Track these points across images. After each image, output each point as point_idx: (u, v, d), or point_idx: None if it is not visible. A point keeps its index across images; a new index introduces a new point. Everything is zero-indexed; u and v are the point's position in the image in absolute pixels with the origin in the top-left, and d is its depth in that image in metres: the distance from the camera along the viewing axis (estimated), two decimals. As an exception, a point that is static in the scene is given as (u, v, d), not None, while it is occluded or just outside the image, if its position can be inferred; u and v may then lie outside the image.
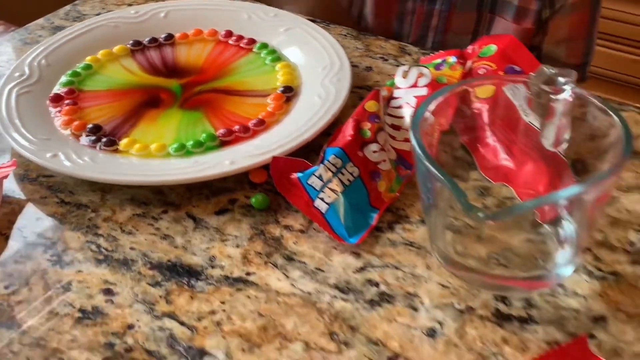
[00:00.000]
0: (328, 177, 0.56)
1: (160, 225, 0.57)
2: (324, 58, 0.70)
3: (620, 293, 0.50)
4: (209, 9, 0.79)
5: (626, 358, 0.46)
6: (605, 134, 0.48)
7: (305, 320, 0.49)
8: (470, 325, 0.48)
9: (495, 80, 0.57)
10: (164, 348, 0.48)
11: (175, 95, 0.68)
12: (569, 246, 0.50)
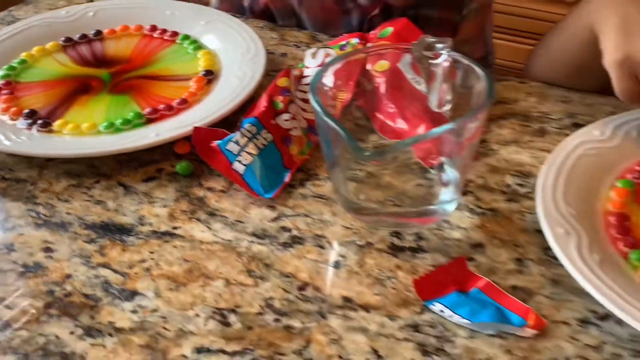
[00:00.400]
0: (244, 143, 0.62)
1: (94, 193, 0.63)
2: (241, 45, 0.77)
3: (497, 225, 0.58)
4: (135, 7, 0.85)
5: (500, 274, 0.54)
6: (474, 87, 0.56)
7: (226, 262, 0.56)
8: (369, 257, 0.56)
9: (386, 52, 0.65)
10: (99, 292, 0.54)
11: (104, 83, 0.74)
12: (451, 187, 0.58)
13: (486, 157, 0.65)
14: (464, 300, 0.51)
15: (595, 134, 0.62)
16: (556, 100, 0.72)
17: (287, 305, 0.52)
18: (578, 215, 0.54)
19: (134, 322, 0.51)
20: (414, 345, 0.49)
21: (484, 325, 0.49)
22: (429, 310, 0.51)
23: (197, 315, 0.52)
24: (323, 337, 0.50)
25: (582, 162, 0.59)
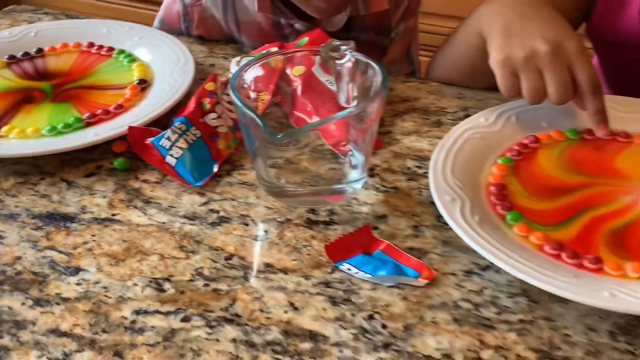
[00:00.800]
0: (175, 139, 0.70)
1: (39, 189, 0.69)
2: (172, 57, 0.84)
3: (398, 199, 0.67)
4: (73, 27, 0.92)
5: (399, 239, 0.62)
6: (374, 81, 0.65)
7: (160, 240, 0.63)
8: (288, 230, 0.63)
9: (300, 55, 0.74)
10: (47, 269, 0.60)
11: (46, 93, 0.81)
12: (358, 168, 0.66)
13: (390, 146, 0.74)
14: (368, 260, 0.59)
15: (480, 121, 0.71)
16: (452, 97, 0.82)
17: (215, 272, 0.59)
18: (463, 186, 0.63)
19: (78, 292, 0.58)
20: (325, 298, 0.57)
21: (384, 278, 0.58)
22: (338, 270, 0.59)
23: (135, 284, 0.58)
24: (247, 296, 0.57)
25: (469, 143, 0.68)
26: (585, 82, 0.67)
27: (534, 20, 0.70)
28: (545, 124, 0.72)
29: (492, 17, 0.75)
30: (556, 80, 0.66)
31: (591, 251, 0.57)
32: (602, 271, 0.56)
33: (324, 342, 0.53)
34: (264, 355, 0.52)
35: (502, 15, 0.73)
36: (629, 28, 0.83)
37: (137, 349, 0.53)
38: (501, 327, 0.54)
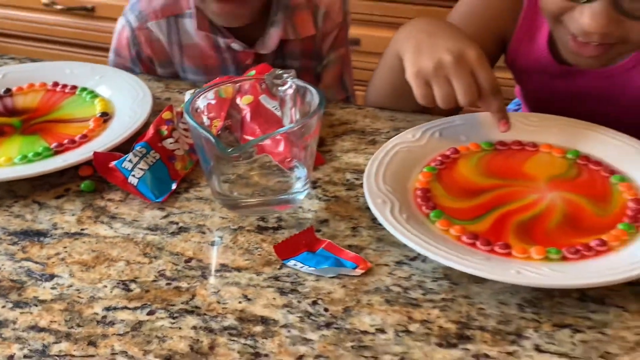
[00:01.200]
0: (136, 161, 0.77)
1: (13, 210, 0.76)
2: (131, 92, 0.92)
3: (338, 206, 0.75)
4: (38, 69, 1.00)
5: (339, 238, 0.70)
6: (312, 103, 0.74)
7: (126, 249, 0.70)
8: (241, 236, 0.71)
9: (247, 86, 0.82)
10: (24, 277, 0.66)
11: (16, 128, 0.88)
12: (301, 180, 0.75)
13: (331, 162, 0.83)
14: (312, 256, 0.67)
15: (408, 137, 0.81)
16: (385, 119, 0.91)
17: (177, 273, 0.67)
18: (393, 191, 0.72)
19: (54, 295, 0.64)
20: (275, 289, 0.64)
21: (325, 270, 0.66)
22: (286, 266, 0.67)
23: (104, 286, 0.65)
24: (205, 291, 0.64)
25: (398, 155, 0.78)
26: (486, 85, 0.76)
27: (440, 37, 0.80)
28: (464, 138, 0.82)
29: (406, 39, 0.84)
30: (462, 85, 0.76)
31: (501, 239, 0.66)
32: (510, 255, 0.65)
33: (274, 325, 0.61)
34: (221, 338, 0.59)
35: (414, 36, 0.83)
36: (539, 57, 0.94)
37: (109, 339, 0.60)
38: (426, 305, 0.62)
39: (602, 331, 0.59)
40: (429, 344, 0.59)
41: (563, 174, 0.76)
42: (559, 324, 0.60)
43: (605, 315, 0.61)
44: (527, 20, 0.92)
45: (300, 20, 1.07)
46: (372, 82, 0.96)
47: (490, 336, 0.59)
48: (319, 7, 1.07)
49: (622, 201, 0.72)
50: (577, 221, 0.69)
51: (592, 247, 0.65)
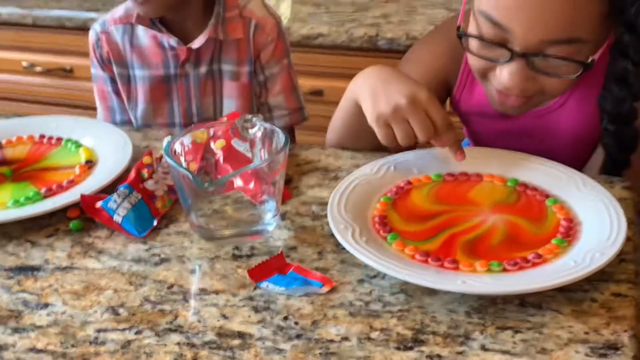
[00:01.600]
0: (120, 201, 0.84)
1: (7, 249, 0.82)
2: (113, 141, 0.99)
3: (305, 235, 0.82)
4: (26, 124, 1.07)
5: (307, 262, 0.77)
6: (279, 143, 0.82)
7: (113, 279, 0.76)
8: (217, 263, 0.78)
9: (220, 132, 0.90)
10: (20, 307, 0.72)
11: (6, 176, 0.94)
12: (271, 213, 0.82)
13: (298, 196, 0.90)
14: (282, 278, 0.74)
15: (367, 171, 0.89)
16: (346, 158, 0.99)
17: (160, 298, 0.73)
18: (354, 218, 0.79)
19: (49, 321, 0.70)
20: (249, 308, 0.71)
21: (295, 289, 0.72)
22: (259, 288, 0.74)
23: (95, 311, 0.71)
24: (186, 312, 0.71)
25: (358, 187, 0.85)
26: (440, 122, 0.85)
27: (393, 82, 0.88)
28: (416, 171, 0.90)
29: (361, 86, 0.92)
30: (419, 124, 0.84)
31: (450, 256, 0.74)
32: (458, 269, 0.73)
33: (249, 339, 0.67)
34: (202, 351, 0.66)
35: (368, 84, 0.91)
36: (478, 101, 1.03)
37: (101, 356, 0.65)
38: (385, 316, 0.69)
39: (540, 331, 0.67)
40: (389, 348, 0.65)
41: (504, 199, 0.85)
42: (501, 327, 0.67)
43: (542, 317, 0.68)
44: (466, 70, 1.02)
45: (231, 27, 1.20)
46: (332, 125, 1.05)
47: (441, 339, 0.66)
48: (251, 20, 1.21)
49: (555, 220, 0.80)
50: (516, 238, 0.77)
51: (529, 259, 0.73)
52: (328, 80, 1.64)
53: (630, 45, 0.84)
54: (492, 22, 0.83)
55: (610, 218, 0.78)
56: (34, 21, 1.82)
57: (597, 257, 0.71)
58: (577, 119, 0.98)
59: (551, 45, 0.82)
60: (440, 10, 1.68)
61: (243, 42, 1.21)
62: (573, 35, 0.82)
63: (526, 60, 0.83)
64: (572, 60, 0.83)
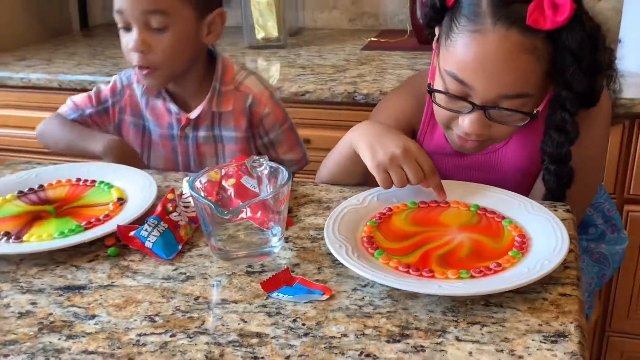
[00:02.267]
0: (150, 230, 0.90)
1: (56, 272, 0.86)
2: (140, 182, 1.05)
3: (306, 254, 0.88)
4: (63, 169, 1.12)
5: (309, 276, 0.83)
6: (283, 179, 0.88)
7: (148, 294, 0.81)
8: (234, 279, 0.83)
9: (231, 172, 0.96)
10: (72, 318, 0.77)
11: (50, 213, 0.99)
12: (277, 235, 0.88)
13: (298, 224, 0.96)
14: (289, 289, 0.80)
15: (354, 201, 0.95)
16: (336, 192, 1.06)
17: (189, 308, 0.78)
18: (346, 238, 0.86)
19: (97, 329, 0.75)
20: (264, 313, 0.76)
21: (301, 297, 0.78)
22: (271, 297, 0.79)
23: (135, 320, 0.76)
24: (211, 318, 0.76)
25: (348, 215, 0.92)
26: (427, 168, 0.92)
27: (386, 137, 0.95)
28: (395, 200, 0.97)
29: (359, 137, 0.99)
30: (411, 171, 0.91)
31: (427, 267, 0.80)
32: (434, 277, 0.79)
33: (265, 337, 0.72)
34: (227, 348, 0.71)
35: (365, 137, 0.98)
36: (438, 143, 1.11)
37: (143, 355, 0.70)
38: (376, 316, 0.75)
39: (502, 325, 0.73)
40: (380, 341, 0.71)
41: (468, 221, 0.91)
42: (471, 322, 0.73)
43: (504, 314, 0.74)
44: (427, 117, 1.10)
45: (226, 99, 1.25)
46: (325, 165, 1.11)
47: (423, 333, 0.72)
48: (248, 95, 1.26)
49: (511, 237, 0.87)
50: (480, 252, 0.84)
51: (491, 268, 0.80)
52: (314, 130, 1.70)
53: (567, 99, 0.92)
54: (458, 80, 0.91)
55: (555, 234, 0.85)
56: (59, 85, 1.86)
57: (546, 264, 0.78)
58: (519, 155, 1.06)
59: (505, 99, 0.90)
60: (406, 71, 1.76)
61: (239, 112, 1.26)
62: (522, 91, 0.90)
63: (484, 112, 0.91)
64: (521, 112, 0.91)
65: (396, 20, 2.22)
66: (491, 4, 0.89)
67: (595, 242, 1.22)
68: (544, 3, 0.86)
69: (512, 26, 0.87)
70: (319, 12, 2.30)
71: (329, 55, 1.95)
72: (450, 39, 0.93)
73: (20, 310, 0.78)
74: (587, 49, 0.89)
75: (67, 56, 2.08)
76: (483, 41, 0.88)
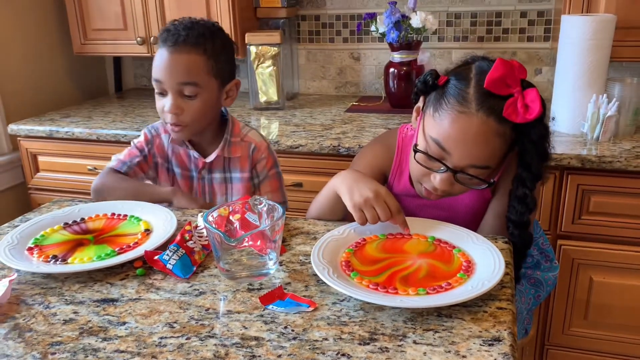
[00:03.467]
0: (171, 255, 0.94)
1: (94, 288, 0.90)
2: (162, 216, 1.10)
3: (297, 275, 0.93)
4: (100, 206, 1.17)
5: (298, 292, 0.87)
6: (278, 214, 0.93)
7: (168, 305, 0.85)
8: (238, 294, 0.88)
9: (237, 206, 1.02)
10: (106, 324, 0.80)
11: (90, 240, 1.03)
12: (272, 260, 0.93)
13: (290, 251, 1.01)
14: (282, 302, 0.84)
15: (335, 233, 1.00)
16: (321, 225, 1.11)
17: (201, 317, 0.82)
18: (328, 262, 0.90)
19: (127, 333, 0.78)
20: (261, 321, 0.80)
21: (291, 309, 0.82)
22: (267, 309, 0.83)
23: (157, 326, 0.80)
24: (219, 325, 0.80)
25: (330, 243, 0.97)
26: (394, 208, 0.97)
27: (362, 182, 1.00)
28: (369, 232, 1.02)
29: (340, 183, 1.03)
30: (381, 210, 0.96)
31: (392, 285, 0.85)
32: (397, 293, 0.83)
33: (262, 341, 0.76)
34: (231, 349, 0.75)
35: (345, 183, 1.02)
36: (404, 186, 1.16)
37: (164, 354, 0.74)
38: (351, 324, 0.79)
39: (450, 331, 0.77)
40: (354, 344, 0.75)
41: (426, 250, 0.97)
42: (426, 329, 0.78)
43: (452, 323, 0.79)
44: (396, 165, 1.16)
45: (234, 148, 1.31)
46: (314, 205, 1.16)
47: (388, 338, 0.76)
48: (251, 143, 1.32)
49: (459, 262, 0.92)
50: (434, 274, 0.89)
51: (443, 286, 0.85)
52: (306, 176, 1.75)
53: (527, 179, 0.99)
54: (439, 146, 0.97)
55: (494, 260, 0.90)
56: (97, 137, 1.92)
57: (486, 284, 0.83)
58: (469, 198, 1.12)
59: (472, 168, 0.97)
60: (381, 129, 1.83)
61: (244, 158, 1.32)
62: (488, 164, 0.97)
63: (454, 175, 0.97)
64: (483, 180, 0.97)
65: (373, 88, 2.31)
66: (476, 94, 0.95)
67: (532, 269, 1.27)
68: (518, 102, 0.93)
69: (491, 115, 0.94)
70: (311, 81, 2.38)
71: (319, 116, 2.02)
72: (438, 112, 0.98)
73: (64, 318, 0.82)
74: (543, 140, 0.97)
75: (104, 114, 2.14)
76: (467, 121, 0.94)
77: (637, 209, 1.55)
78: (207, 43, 1.19)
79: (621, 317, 1.65)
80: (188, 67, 1.18)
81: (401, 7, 2.00)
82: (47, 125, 2.00)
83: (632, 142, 1.60)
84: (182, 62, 1.17)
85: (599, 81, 1.63)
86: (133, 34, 2.15)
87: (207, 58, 1.20)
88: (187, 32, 1.18)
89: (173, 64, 1.17)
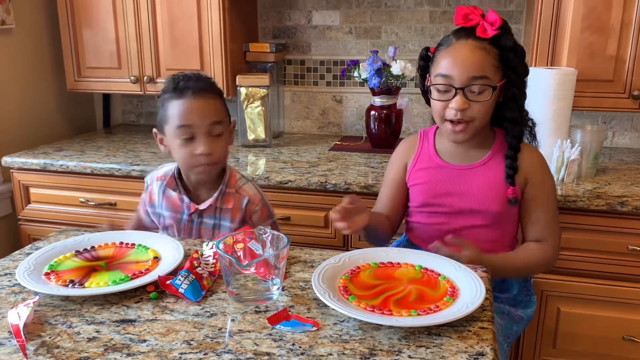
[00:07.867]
0: (182, 280, 1.02)
1: (112, 310, 0.97)
2: (170, 246, 1.18)
3: (299, 299, 1.02)
4: (109, 236, 1.24)
5: (301, 313, 0.96)
6: (283, 244, 1.03)
7: (183, 326, 0.93)
8: (247, 316, 0.96)
9: (240, 239, 1.10)
10: (128, 342, 0.88)
11: (103, 267, 1.10)
12: (276, 285, 1.01)
13: (291, 277, 1.10)
14: (288, 323, 0.93)
15: (332, 261, 1.10)
16: (317, 255, 1.20)
17: (215, 335, 0.90)
18: (328, 287, 1.00)
19: (148, 349, 0.86)
20: (270, 339, 0.89)
21: (297, 328, 0.91)
22: (275, 328, 0.92)
23: (175, 343, 0.87)
24: (233, 343, 0.88)
25: (328, 270, 1.06)
26: None
27: None
28: (362, 261, 1.12)
29: None
30: None
31: (387, 307, 0.95)
32: (392, 314, 0.93)
33: (273, 355, 0.85)
34: (246, 363, 0.83)
35: None
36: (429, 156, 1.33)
37: (185, 367, 0.82)
38: (352, 342, 0.88)
39: (440, 347, 0.87)
40: (356, 358, 0.84)
41: (415, 277, 1.07)
42: (419, 345, 0.87)
43: (441, 340, 0.89)
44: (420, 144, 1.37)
45: (227, 199, 1.37)
46: None
47: (385, 353, 0.85)
48: (244, 196, 1.38)
49: (445, 288, 1.02)
50: (423, 298, 0.99)
51: (431, 309, 0.95)
52: (294, 210, 1.84)
53: (514, 80, 1.23)
54: (442, 76, 1.21)
55: (476, 286, 1.01)
56: (92, 171, 1.98)
57: (470, 306, 0.94)
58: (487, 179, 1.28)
59: (474, 80, 1.19)
60: (363, 167, 1.94)
61: (236, 209, 1.38)
62: (483, 73, 1.19)
63: (463, 92, 1.18)
64: (486, 85, 1.19)
65: (354, 129, 2.44)
66: (454, 34, 1.23)
67: (515, 308, 1.37)
68: (484, 24, 1.21)
69: (469, 38, 1.21)
70: (295, 121, 2.51)
71: (304, 154, 2.13)
72: (435, 60, 1.25)
73: (88, 336, 0.89)
74: (518, 47, 1.22)
75: (96, 149, 2.21)
76: (454, 48, 1.22)
77: (599, 244, 1.68)
78: (217, 89, 1.32)
79: (587, 345, 1.77)
80: (216, 108, 1.29)
81: (382, 54, 2.15)
82: (42, 158, 2.05)
83: (593, 184, 1.75)
84: (210, 104, 1.28)
85: (563, 128, 1.79)
86: (127, 72, 2.24)
87: (223, 101, 1.32)
88: (202, 81, 1.29)
89: (203, 106, 1.27)
